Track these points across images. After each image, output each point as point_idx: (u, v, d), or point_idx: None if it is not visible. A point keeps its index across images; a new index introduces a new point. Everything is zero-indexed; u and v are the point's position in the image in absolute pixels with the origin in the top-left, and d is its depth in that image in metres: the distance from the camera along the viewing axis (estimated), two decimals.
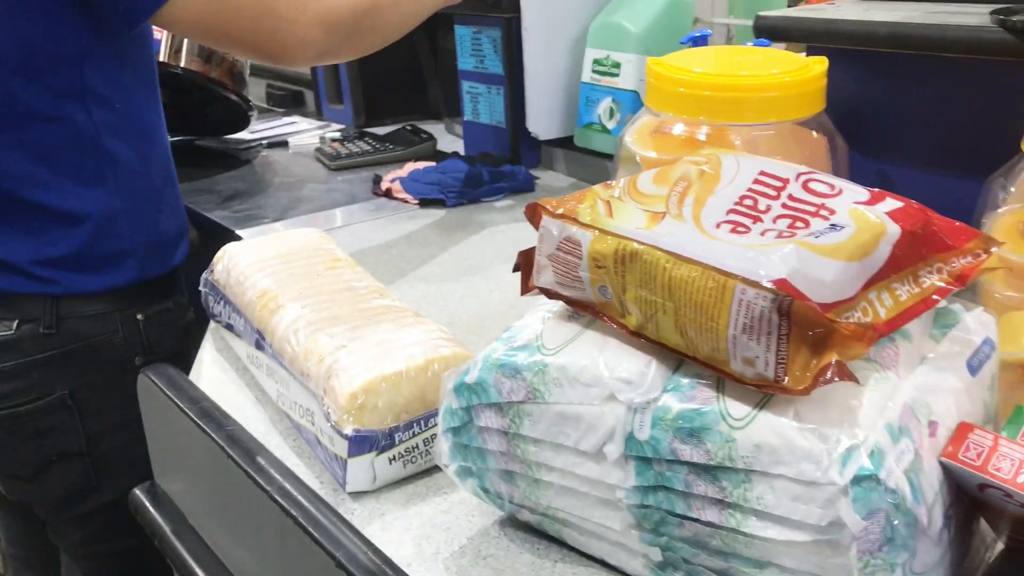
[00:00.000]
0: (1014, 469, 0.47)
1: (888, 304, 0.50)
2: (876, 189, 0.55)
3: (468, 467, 0.61)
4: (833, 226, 0.50)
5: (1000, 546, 0.60)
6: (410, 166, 1.37)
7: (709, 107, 0.76)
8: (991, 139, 0.68)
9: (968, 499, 0.53)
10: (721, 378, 0.50)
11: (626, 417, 0.52)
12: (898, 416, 0.48)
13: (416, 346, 0.71)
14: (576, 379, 0.54)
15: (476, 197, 1.28)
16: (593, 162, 1.31)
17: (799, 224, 0.51)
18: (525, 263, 0.58)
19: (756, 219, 0.52)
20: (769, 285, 0.45)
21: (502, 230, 1.19)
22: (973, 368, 0.54)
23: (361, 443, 0.65)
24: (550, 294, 0.57)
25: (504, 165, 1.33)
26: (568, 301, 0.56)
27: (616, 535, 0.56)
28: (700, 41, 1.00)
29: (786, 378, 0.47)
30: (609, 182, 0.59)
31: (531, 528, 0.62)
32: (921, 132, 0.89)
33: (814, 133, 0.78)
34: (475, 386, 0.57)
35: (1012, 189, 0.65)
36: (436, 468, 0.69)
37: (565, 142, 1.37)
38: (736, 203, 0.54)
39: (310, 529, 0.59)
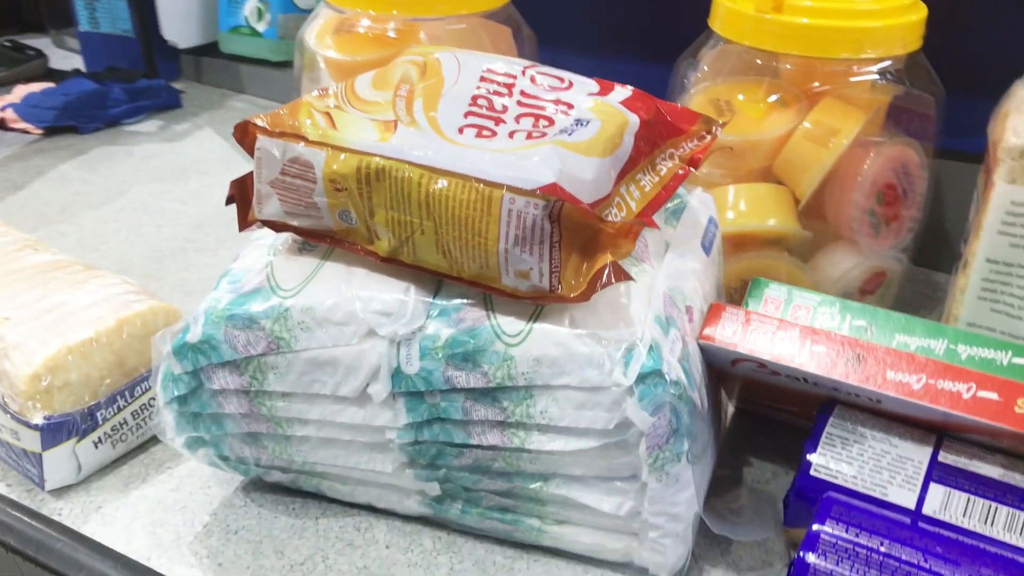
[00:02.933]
0: (768, 341, 0.49)
1: (636, 196, 0.49)
2: (599, 78, 0.53)
3: (200, 437, 0.53)
4: (578, 121, 0.48)
5: (731, 409, 0.64)
6: (21, 89, 1.15)
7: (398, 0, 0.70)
8: (675, 19, 0.69)
9: (715, 372, 0.55)
10: (488, 296, 0.47)
11: (390, 352, 0.47)
12: (662, 307, 0.48)
13: (99, 306, 0.59)
14: (326, 319, 0.47)
15: (114, 119, 1.12)
16: (247, 70, 1.19)
17: (543, 122, 0.48)
18: (240, 194, 0.50)
19: (498, 120, 0.48)
20: (539, 192, 0.42)
21: (154, 154, 1.05)
22: (706, 248, 0.56)
23: (56, 431, 0.54)
24: (277, 226, 0.50)
25: (140, 80, 1.16)
26: (301, 232, 0.49)
27: (387, 478, 0.51)
28: None
29: (561, 287, 0.44)
30: (322, 90, 0.51)
31: (282, 488, 0.56)
32: (604, 17, 0.90)
33: (502, 25, 0.75)
34: (201, 345, 0.49)
35: (704, 67, 0.67)
36: (152, 441, 0.60)
37: (209, 49, 1.23)
38: (471, 104, 0.50)
39: (9, 542, 0.48)
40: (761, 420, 0.62)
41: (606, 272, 0.43)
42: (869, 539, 0.43)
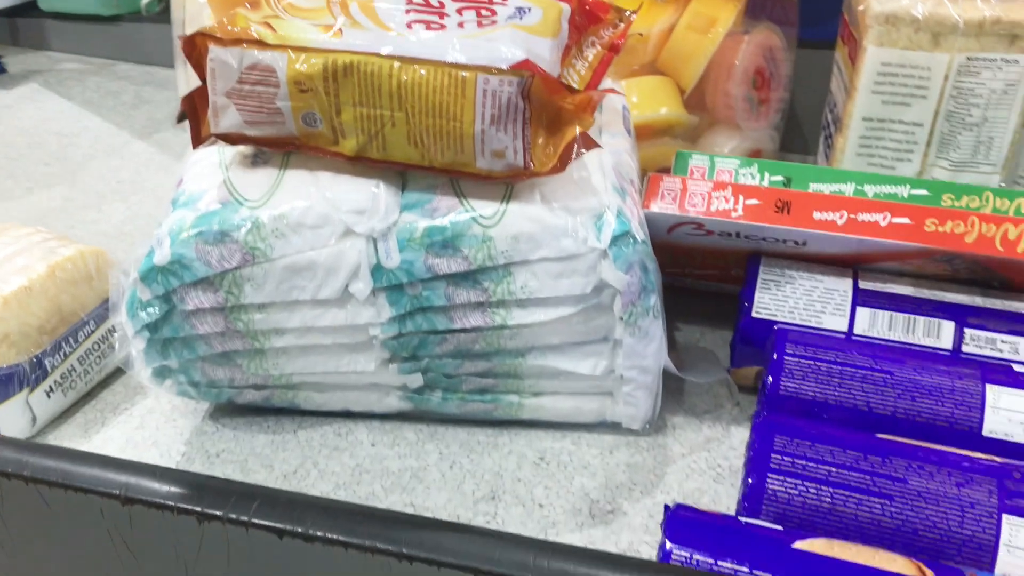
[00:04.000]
0: (704, 203, 0.54)
1: (575, 79, 0.52)
2: None
3: (167, 366, 0.52)
4: (520, 9, 0.50)
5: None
6: None
7: None
8: None
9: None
10: (457, 182, 0.49)
11: (368, 249, 0.48)
12: (616, 178, 0.52)
13: (23, 255, 0.56)
14: (300, 224, 0.48)
15: None
16: (74, 28, 1.12)
17: (485, 12, 0.50)
18: (191, 110, 0.49)
19: (441, 15, 0.50)
20: (512, 68, 0.45)
21: None
22: (628, 131, 0.60)
23: (7, 383, 0.52)
24: (233, 139, 0.49)
25: None
26: (260, 142, 0.49)
27: (367, 378, 0.53)
28: None
29: (533, 162, 0.47)
30: (251, 3, 0.51)
31: (251, 409, 0.56)
32: None
33: None
34: (171, 266, 0.48)
35: None
36: (99, 387, 0.58)
37: (26, 9, 1.14)
38: (407, 3, 0.51)
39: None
40: (680, 291, 0.68)
41: (576, 143, 0.46)
42: (826, 354, 0.49)
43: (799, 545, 0.39)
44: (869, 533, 0.42)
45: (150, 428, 0.55)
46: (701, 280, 0.64)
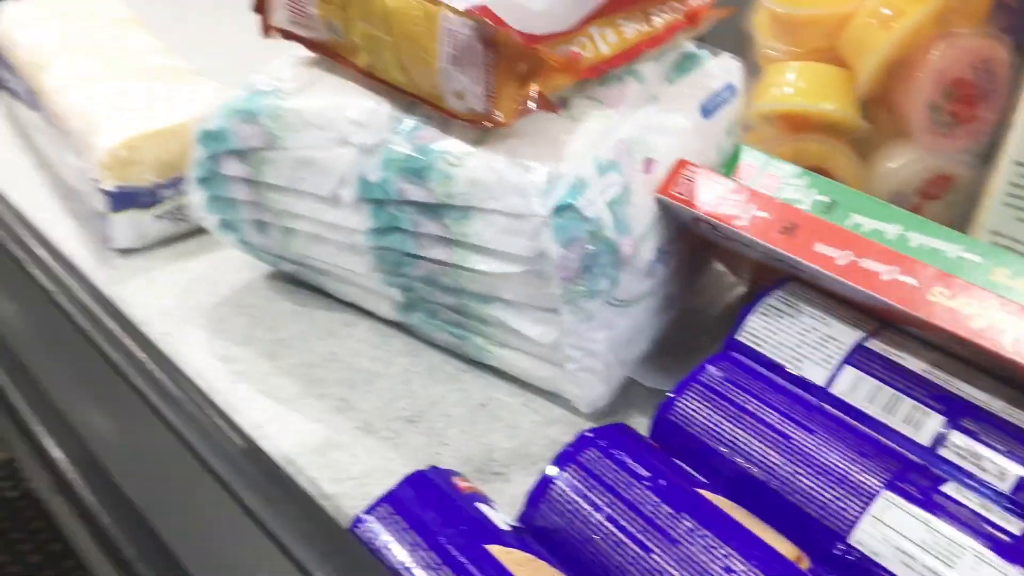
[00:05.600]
0: (716, 201, 0.49)
1: (612, 41, 0.50)
2: None
3: (225, 220, 0.61)
4: None
5: (742, 289, 0.63)
6: None
7: None
8: None
9: (697, 240, 0.55)
10: (446, 119, 0.50)
11: (358, 160, 0.52)
12: (611, 151, 0.49)
13: (188, 103, 0.68)
14: (311, 123, 0.53)
15: None
16: None
17: None
18: (261, 4, 0.56)
19: None
20: (469, 12, 0.45)
21: None
22: (707, 111, 0.55)
23: (124, 199, 0.64)
24: (288, 35, 0.55)
25: None
26: (304, 42, 0.55)
27: (363, 279, 0.57)
28: None
29: (495, 111, 0.47)
30: None
31: (298, 281, 0.63)
32: None
33: None
34: (216, 133, 0.56)
35: None
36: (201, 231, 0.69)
37: None
38: None
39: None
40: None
41: (530, 100, 0.45)
42: (740, 394, 0.44)
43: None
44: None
45: (220, 271, 0.64)
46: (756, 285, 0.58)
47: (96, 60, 0.74)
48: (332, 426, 0.52)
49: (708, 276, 0.60)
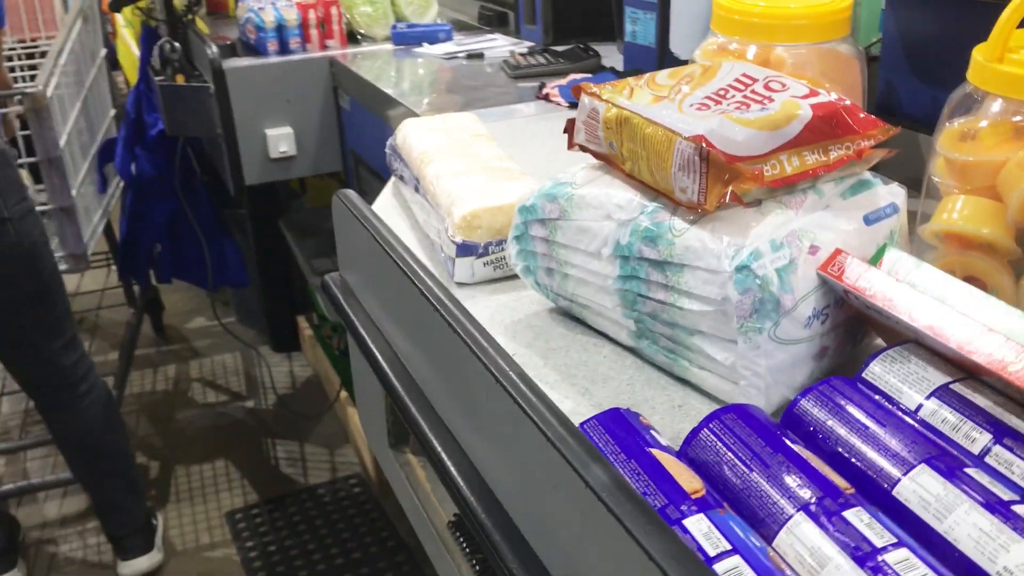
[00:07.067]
0: (856, 278, 0.70)
1: (795, 164, 0.74)
2: (814, 88, 0.78)
3: (528, 266, 0.90)
4: (763, 108, 0.74)
5: None
6: (571, 77, 1.64)
7: (757, 30, 0.98)
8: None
9: (857, 313, 0.76)
10: (674, 206, 0.76)
11: (616, 229, 0.79)
12: (784, 236, 0.72)
13: (515, 191, 1.00)
14: (589, 204, 0.81)
15: None
16: None
17: (742, 107, 0.75)
18: (570, 126, 0.86)
19: (718, 103, 0.77)
20: (690, 138, 0.71)
21: None
22: (869, 220, 0.76)
23: (466, 249, 0.96)
24: (583, 149, 0.84)
25: None
26: (593, 153, 0.83)
27: (610, 312, 0.83)
28: None
29: (705, 202, 0.72)
30: (641, 76, 0.84)
31: (568, 313, 0.90)
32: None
33: (843, 52, 0.99)
34: (530, 207, 0.86)
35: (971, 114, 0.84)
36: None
37: None
38: (713, 93, 0.78)
39: (431, 301, 0.91)
40: None
41: (727, 196, 0.70)
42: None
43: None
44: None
45: (521, 302, 0.94)
46: None
47: (460, 161, 1.09)
48: (576, 403, 0.78)
49: (868, 344, 0.80)
